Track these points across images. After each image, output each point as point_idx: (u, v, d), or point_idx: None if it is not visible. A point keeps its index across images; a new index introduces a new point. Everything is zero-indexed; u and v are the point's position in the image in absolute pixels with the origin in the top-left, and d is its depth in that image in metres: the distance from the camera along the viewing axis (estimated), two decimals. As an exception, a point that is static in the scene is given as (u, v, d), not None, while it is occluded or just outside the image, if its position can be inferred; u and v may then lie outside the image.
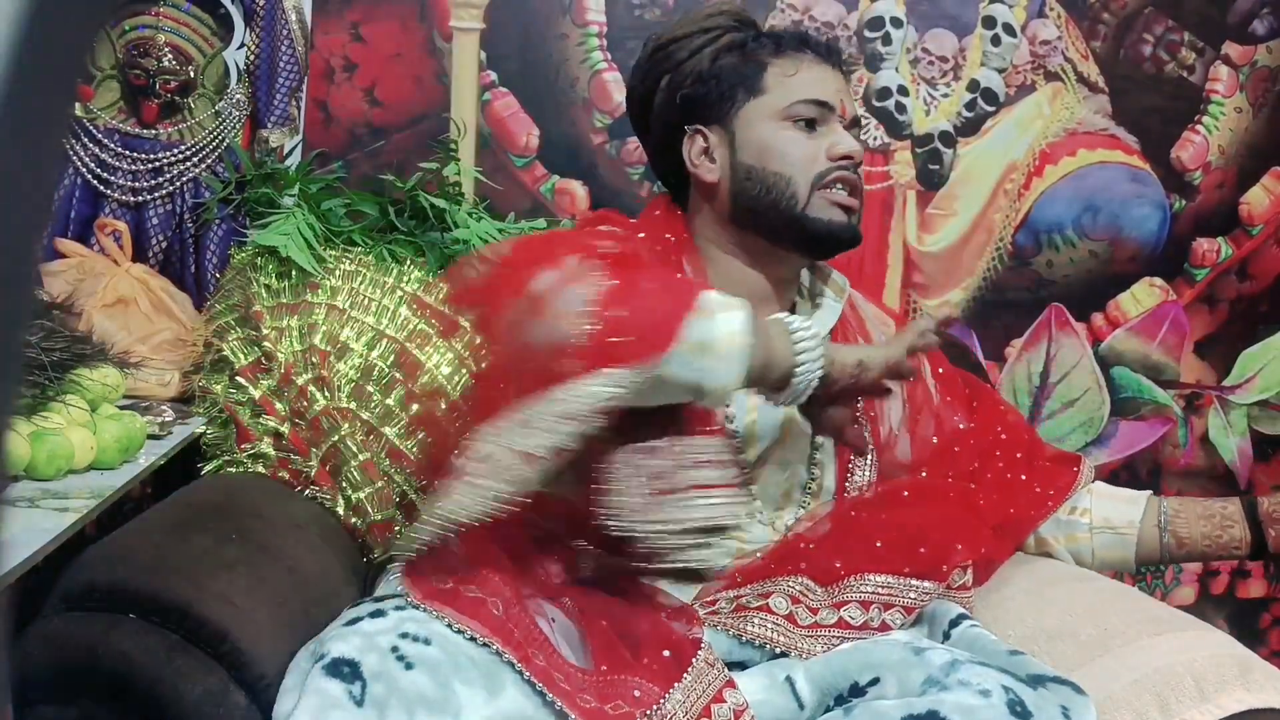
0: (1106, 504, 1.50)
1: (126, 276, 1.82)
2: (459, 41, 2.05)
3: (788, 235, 1.37)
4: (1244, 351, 2.30)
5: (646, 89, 1.46)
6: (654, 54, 1.45)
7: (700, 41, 1.42)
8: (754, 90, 1.38)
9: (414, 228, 1.81)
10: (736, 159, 1.38)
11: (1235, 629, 2.23)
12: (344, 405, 1.66)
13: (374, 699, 1.04)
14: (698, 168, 1.40)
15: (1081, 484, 1.50)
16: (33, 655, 1.13)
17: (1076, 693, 1.16)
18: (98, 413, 1.44)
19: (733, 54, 1.41)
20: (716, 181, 1.39)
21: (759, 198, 1.36)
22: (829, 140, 1.37)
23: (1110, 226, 2.24)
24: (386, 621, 1.10)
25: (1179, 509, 1.47)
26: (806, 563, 1.29)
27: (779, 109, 1.37)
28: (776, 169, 1.36)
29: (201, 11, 1.95)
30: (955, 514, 1.38)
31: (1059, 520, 1.49)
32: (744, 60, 1.40)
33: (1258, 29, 2.25)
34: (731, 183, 1.38)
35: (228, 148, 1.93)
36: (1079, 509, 1.50)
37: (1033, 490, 1.49)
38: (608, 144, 2.09)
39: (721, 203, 1.40)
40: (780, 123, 1.37)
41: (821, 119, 1.37)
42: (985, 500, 1.44)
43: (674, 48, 1.43)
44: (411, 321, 1.72)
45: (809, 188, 1.35)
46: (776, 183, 1.36)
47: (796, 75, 1.38)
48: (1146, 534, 1.47)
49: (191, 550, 1.28)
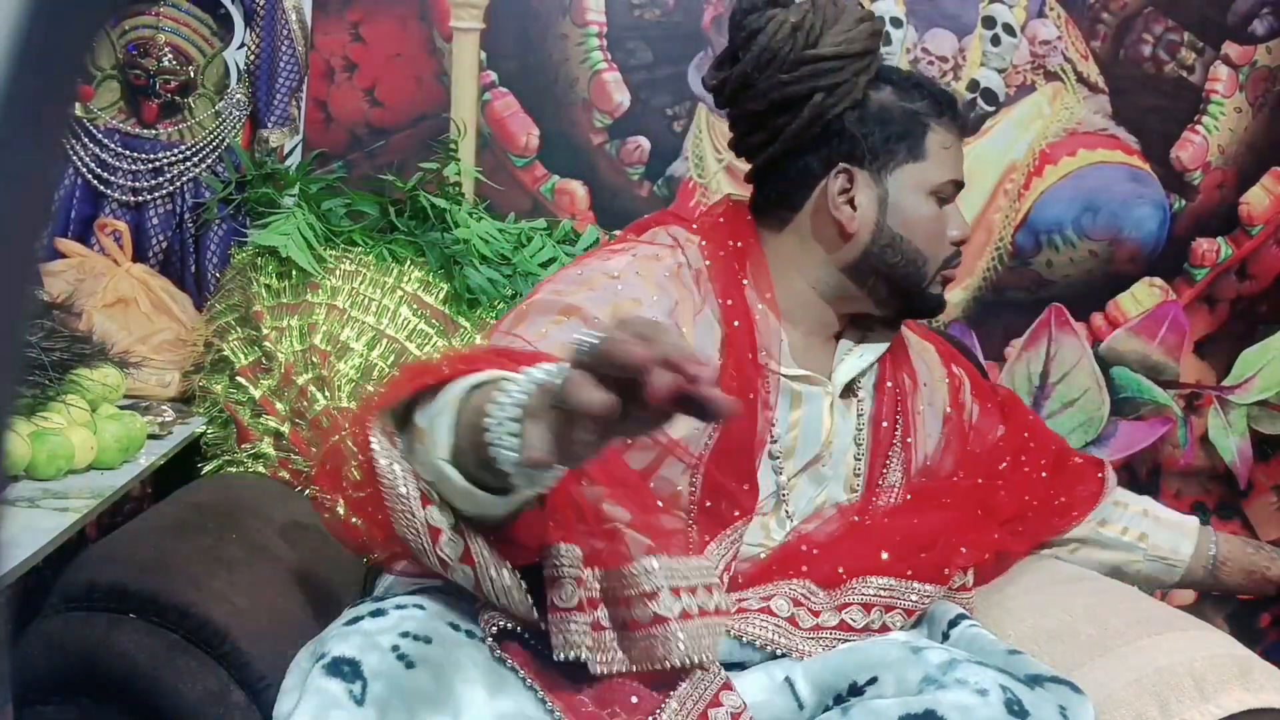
0: (1162, 533, 1.57)
1: (126, 276, 1.82)
2: (459, 41, 2.05)
3: (895, 300, 1.36)
4: (1244, 351, 2.30)
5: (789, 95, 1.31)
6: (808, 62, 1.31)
7: (859, 66, 1.32)
8: (916, 154, 1.33)
9: (414, 228, 1.81)
10: (884, 220, 1.32)
11: (1235, 629, 2.23)
12: (344, 405, 1.66)
13: (375, 698, 1.03)
14: (838, 210, 1.32)
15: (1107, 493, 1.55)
16: (33, 655, 1.13)
17: (1074, 692, 1.16)
18: (98, 413, 1.44)
19: (885, 90, 1.34)
20: (854, 233, 1.33)
21: (894, 266, 1.33)
22: (953, 221, 1.36)
23: (1110, 226, 2.24)
24: (387, 620, 1.09)
25: (1227, 556, 1.57)
26: (809, 565, 1.29)
27: (934, 183, 1.33)
28: (920, 247, 1.33)
29: (201, 11, 1.95)
30: (961, 517, 1.38)
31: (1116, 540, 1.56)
32: (905, 111, 1.33)
33: (1258, 29, 2.25)
34: (870, 242, 1.33)
35: (228, 148, 1.93)
36: (1131, 530, 1.56)
37: (1057, 499, 1.52)
38: (608, 144, 2.09)
39: (847, 250, 1.34)
40: (928, 196, 1.34)
41: (952, 196, 1.36)
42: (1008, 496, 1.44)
43: (836, 65, 1.31)
44: (412, 321, 1.72)
45: (936, 269, 1.35)
46: (915, 259, 1.33)
47: (950, 149, 1.34)
48: (1192, 570, 1.57)
49: (191, 550, 1.28)
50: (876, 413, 1.40)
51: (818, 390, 1.35)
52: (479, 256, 1.78)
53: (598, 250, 1.38)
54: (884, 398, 1.40)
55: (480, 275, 1.75)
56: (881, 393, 1.41)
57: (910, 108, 1.33)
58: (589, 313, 1.21)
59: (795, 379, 1.34)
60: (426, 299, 1.74)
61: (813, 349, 1.38)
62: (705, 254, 1.33)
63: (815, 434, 1.35)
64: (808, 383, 1.35)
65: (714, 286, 1.31)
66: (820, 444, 1.35)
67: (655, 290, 1.26)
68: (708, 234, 1.36)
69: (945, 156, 1.34)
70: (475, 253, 1.78)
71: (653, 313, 1.23)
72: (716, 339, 1.29)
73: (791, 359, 1.35)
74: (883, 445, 1.39)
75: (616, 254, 1.32)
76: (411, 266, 1.76)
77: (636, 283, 1.26)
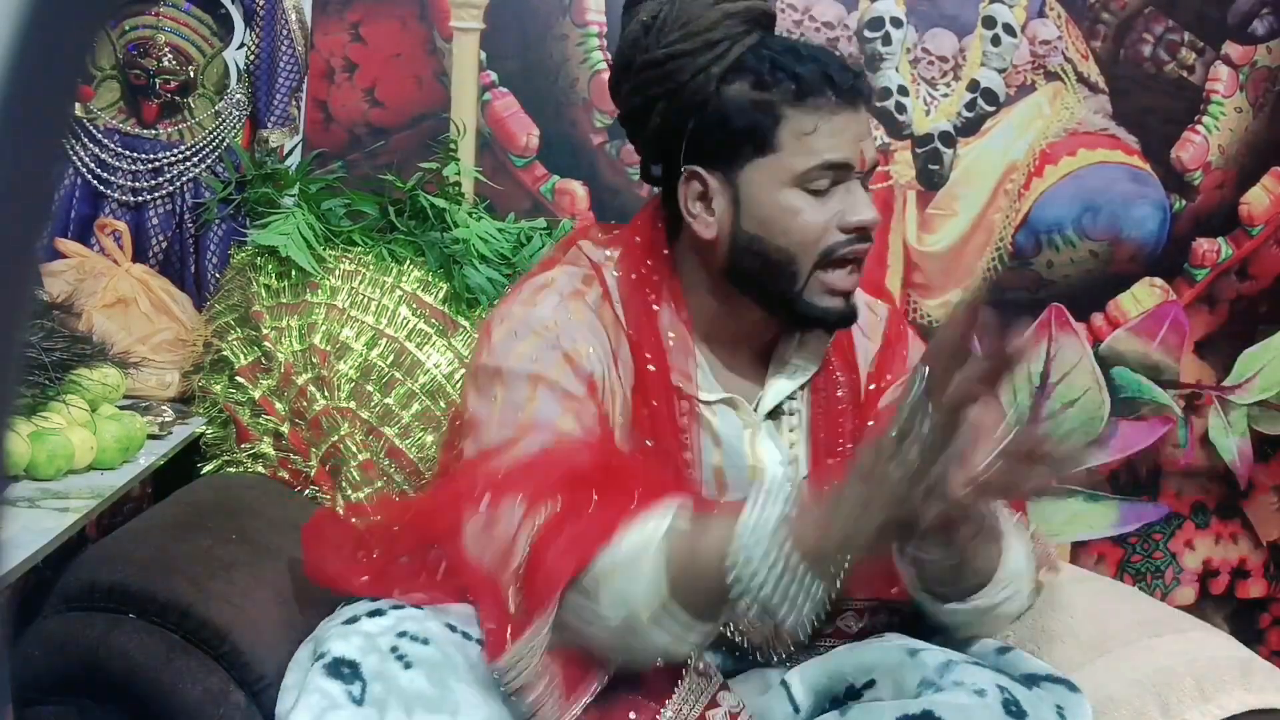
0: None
1: (126, 276, 1.82)
2: (459, 41, 2.05)
3: (777, 310, 1.25)
4: (1244, 351, 2.30)
5: (637, 105, 1.27)
6: (647, 68, 1.23)
7: (706, 60, 1.21)
8: (765, 148, 1.20)
9: (414, 228, 1.81)
10: (739, 224, 1.22)
11: (1235, 629, 2.23)
12: (344, 405, 1.66)
13: (373, 698, 1.04)
14: (694, 218, 1.23)
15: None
16: (33, 655, 1.13)
17: (1070, 690, 1.16)
18: (98, 413, 1.44)
19: (743, 80, 1.21)
20: (712, 238, 1.23)
21: (758, 271, 1.22)
22: (843, 206, 1.21)
23: (1110, 226, 2.24)
24: (386, 621, 1.10)
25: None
26: None
27: (792, 174, 1.20)
28: (780, 244, 1.20)
29: (201, 11, 1.95)
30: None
31: None
32: (755, 102, 1.20)
33: (1258, 29, 2.25)
34: (730, 248, 1.23)
35: (228, 148, 1.93)
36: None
37: None
38: (608, 144, 2.09)
39: (716, 260, 1.25)
40: (791, 189, 1.20)
41: (837, 180, 1.21)
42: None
43: (673, 67, 1.22)
44: (411, 321, 1.72)
45: (811, 266, 1.21)
46: (779, 259, 1.21)
47: (815, 133, 1.19)
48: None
49: (191, 550, 1.28)
50: (813, 423, 1.31)
51: (737, 420, 1.28)
52: (478, 256, 1.78)
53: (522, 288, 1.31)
54: (819, 409, 1.32)
55: (480, 275, 1.75)
56: (816, 403, 1.32)
57: (762, 98, 1.20)
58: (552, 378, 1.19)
59: (715, 404, 1.28)
60: (426, 299, 1.74)
61: (739, 368, 1.30)
62: (620, 281, 1.28)
63: (742, 469, 1.28)
64: (729, 406, 1.28)
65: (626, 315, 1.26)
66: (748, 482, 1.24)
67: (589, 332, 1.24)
68: (624, 256, 1.29)
69: (810, 142, 1.19)
70: (475, 252, 1.78)
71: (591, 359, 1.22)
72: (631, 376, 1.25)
73: (715, 381, 1.28)
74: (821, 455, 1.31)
75: (543, 293, 1.26)
76: (411, 266, 1.76)
77: (570, 325, 1.23)
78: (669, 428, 1.24)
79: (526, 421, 1.17)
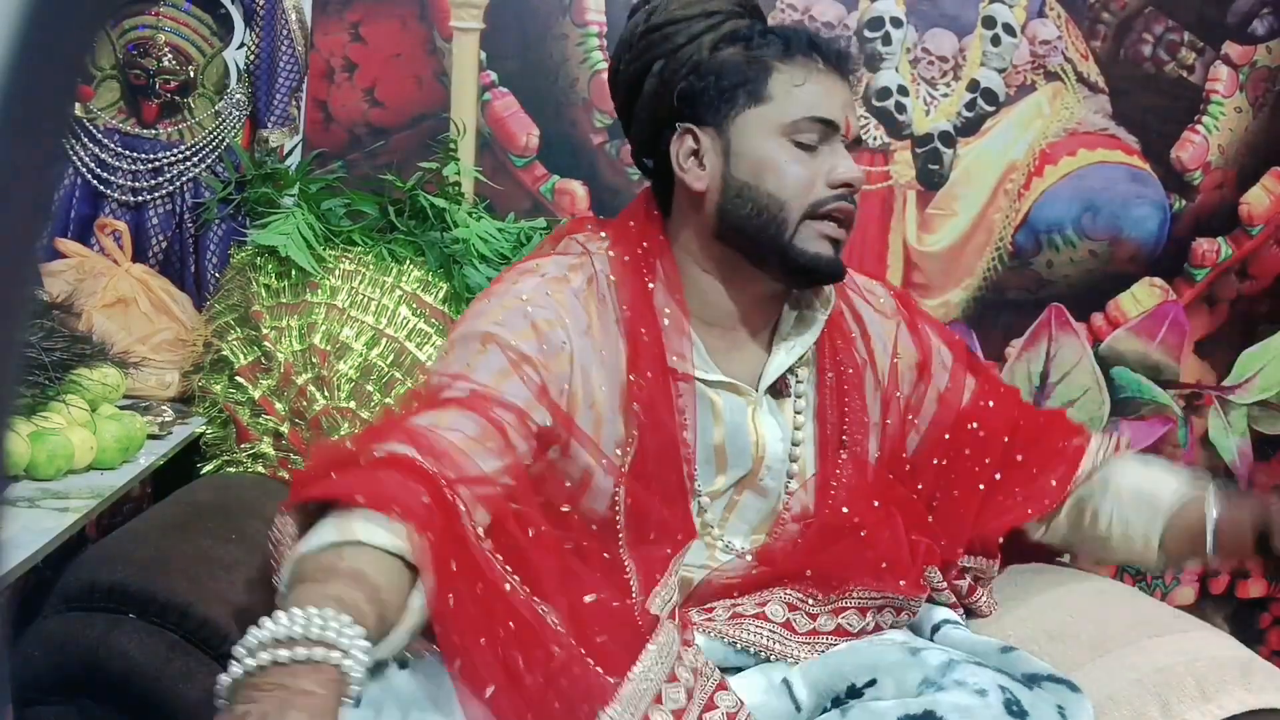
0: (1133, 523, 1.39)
1: (126, 276, 1.82)
2: (459, 41, 2.05)
3: (769, 260, 1.27)
4: (1244, 351, 2.30)
5: (634, 72, 1.32)
6: (647, 34, 1.30)
7: (701, 27, 1.28)
8: (757, 96, 1.25)
9: (414, 228, 1.81)
10: (729, 171, 1.26)
11: (1235, 629, 2.23)
12: (344, 405, 1.66)
13: (369, 699, 1.04)
14: (685, 172, 1.28)
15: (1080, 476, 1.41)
16: (33, 655, 1.13)
17: (1071, 690, 1.16)
18: (98, 413, 1.44)
19: (735, 46, 1.28)
20: (704, 191, 1.27)
21: (748, 218, 1.25)
22: (830, 164, 1.25)
23: (1110, 226, 2.24)
24: (384, 621, 1.09)
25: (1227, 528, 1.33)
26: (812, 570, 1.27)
27: (782, 123, 1.25)
28: (771, 190, 1.24)
29: (201, 11, 1.95)
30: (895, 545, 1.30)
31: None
32: (748, 58, 1.27)
33: (1258, 29, 2.25)
34: (721, 196, 1.27)
35: (228, 148, 1.93)
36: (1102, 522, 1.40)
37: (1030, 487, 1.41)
38: (608, 144, 2.09)
39: (706, 214, 1.28)
40: (780, 139, 1.25)
41: (824, 138, 1.26)
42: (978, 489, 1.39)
43: (671, 30, 1.29)
44: (411, 321, 1.72)
45: (800, 215, 1.25)
46: (769, 205, 1.24)
47: (804, 86, 1.25)
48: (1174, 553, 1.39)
49: (191, 550, 1.28)
50: (820, 408, 1.34)
51: (740, 400, 1.30)
52: (478, 256, 1.78)
53: (510, 271, 1.34)
54: (825, 391, 1.34)
55: (480, 275, 1.75)
56: (823, 386, 1.34)
57: (752, 55, 1.27)
58: (505, 338, 1.19)
59: (714, 385, 1.29)
60: (426, 298, 1.74)
61: (737, 351, 1.32)
62: (612, 263, 1.29)
63: (744, 447, 1.30)
64: (729, 390, 1.30)
65: (619, 295, 1.27)
66: (750, 457, 1.30)
67: (566, 312, 1.24)
68: (617, 241, 1.32)
69: (799, 94, 1.25)
70: (475, 252, 1.78)
71: (566, 333, 1.22)
72: (623, 352, 1.26)
73: (712, 363, 1.30)
74: (830, 442, 1.33)
75: (527, 275, 1.28)
76: (411, 266, 1.76)
77: (547, 303, 1.24)
78: (664, 405, 1.25)
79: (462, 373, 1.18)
